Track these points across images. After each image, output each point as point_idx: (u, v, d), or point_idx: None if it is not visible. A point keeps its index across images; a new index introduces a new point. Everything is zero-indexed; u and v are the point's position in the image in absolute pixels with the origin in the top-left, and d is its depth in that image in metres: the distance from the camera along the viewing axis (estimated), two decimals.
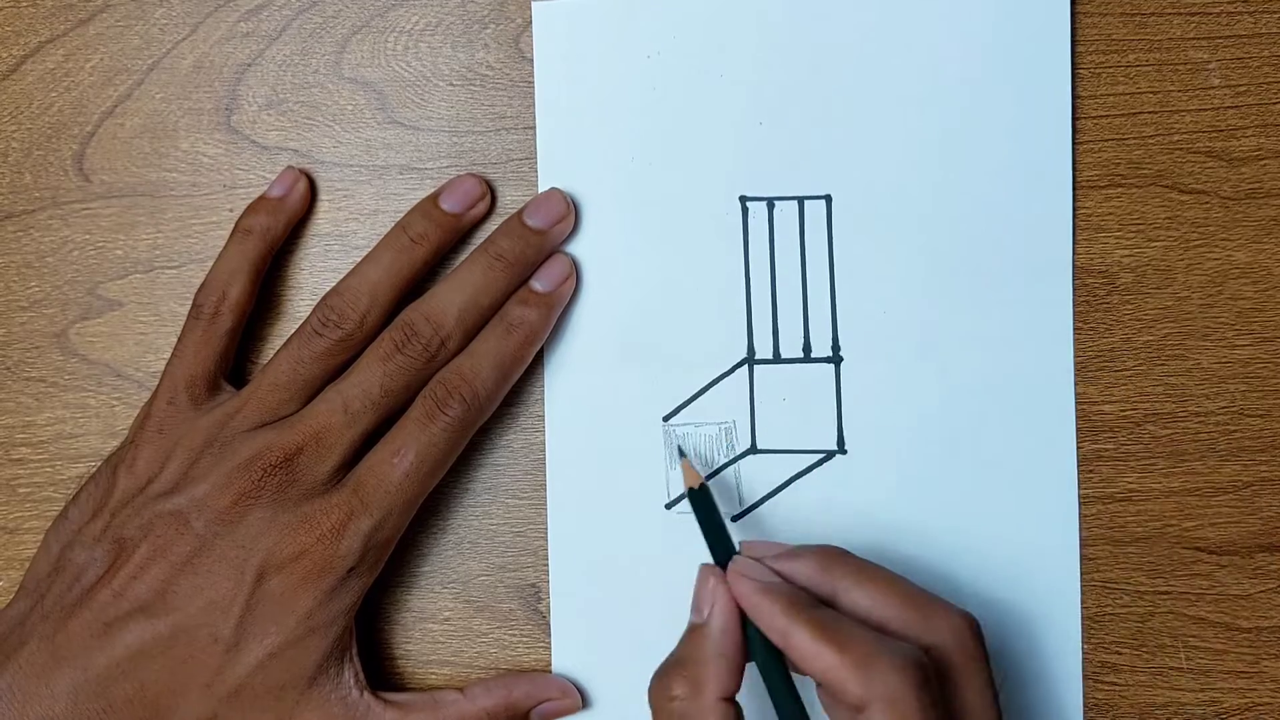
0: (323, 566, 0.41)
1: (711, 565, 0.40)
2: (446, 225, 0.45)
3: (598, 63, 0.46)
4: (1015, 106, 0.45)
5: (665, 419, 0.46)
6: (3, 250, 0.48)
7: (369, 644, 0.47)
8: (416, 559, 0.47)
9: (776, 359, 0.46)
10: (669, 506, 0.46)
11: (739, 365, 0.46)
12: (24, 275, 0.48)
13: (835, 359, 0.46)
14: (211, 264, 0.46)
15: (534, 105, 0.46)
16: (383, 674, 0.47)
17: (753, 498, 0.46)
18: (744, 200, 0.46)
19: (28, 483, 0.48)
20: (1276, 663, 0.45)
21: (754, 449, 0.46)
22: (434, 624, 0.47)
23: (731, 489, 0.46)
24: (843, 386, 0.46)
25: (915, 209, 0.45)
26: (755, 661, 0.39)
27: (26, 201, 0.48)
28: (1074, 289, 0.45)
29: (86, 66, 0.48)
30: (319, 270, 0.47)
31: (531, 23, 0.46)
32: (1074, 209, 0.45)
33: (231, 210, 0.47)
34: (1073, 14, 0.45)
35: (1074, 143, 0.45)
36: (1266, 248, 0.45)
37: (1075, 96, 0.45)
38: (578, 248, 0.46)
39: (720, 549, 0.41)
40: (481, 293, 0.44)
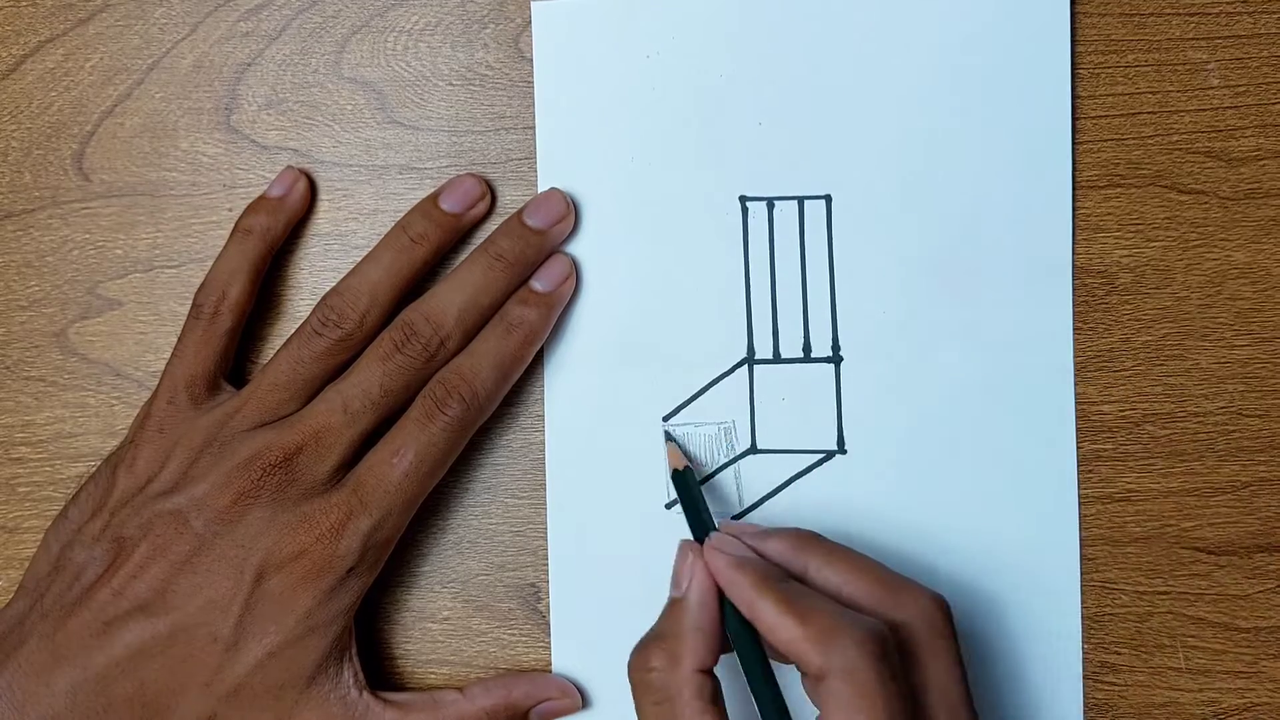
0: (322, 566, 0.41)
1: (691, 541, 0.41)
2: (446, 225, 0.45)
3: (598, 63, 0.46)
4: (1015, 106, 0.45)
5: (665, 419, 0.46)
6: (3, 250, 0.48)
7: (369, 644, 0.47)
8: (416, 559, 0.47)
9: (776, 359, 0.46)
10: (669, 506, 0.46)
11: (739, 365, 0.46)
12: (24, 275, 0.48)
13: (835, 359, 0.46)
14: (211, 264, 0.46)
15: (534, 105, 0.46)
16: (382, 674, 0.47)
17: (753, 498, 0.46)
18: (744, 200, 0.46)
19: (27, 482, 0.48)
20: (1275, 663, 0.45)
21: (754, 449, 0.46)
22: (433, 624, 0.47)
23: (731, 489, 0.46)
24: (843, 386, 0.46)
25: (915, 209, 0.45)
26: (729, 635, 0.39)
27: (26, 201, 0.48)
28: (1074, 289, 0.45)
29: (86, 66, 0.48)
30: (319, 270, 0.47)
31: (531, 23, 0.46)
32: (1074, 209, 0.45)
33: (231, 210, 0.47)
34: (1073, 14, 0.45)
35: (1074, 143, 0.45)
36: (1266, 248, 0.45)
37: (1075, 96, 0.45)
38: (578, 248, 0.46)
39: (700, 528, 0.42)
40: (481, 292, 0.44)
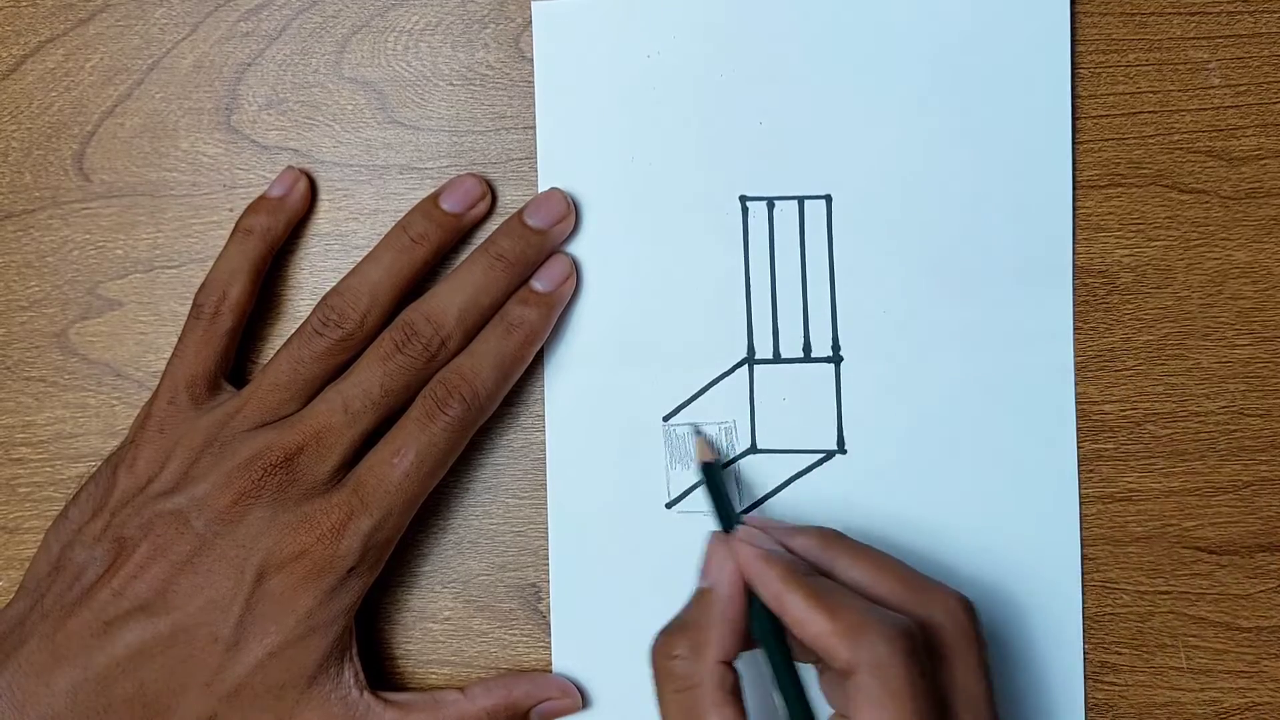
0: (323, 566, 0.41)
1: (721, 533, 0.41)
2: (447, 225, 0.45)
3: (598, 63, 0.46)
4: (1015, 106, 0.45)
5: (665, 419, 0.46)
6: (3, 250, 0.48)
7: (369, 644, 0.47)
8: (416, 559, 0.47)
9: (776, 359, 0.46)
10: (669, 506, 0.46)
11: (739, 365, 0.46)
12: (24, 275, 0.48)
13: (835, 359, 0.46)
14: (211, 264, 0.46)
15: (534, 105, 0.46)
16: (383, 674, 0.47)
17: (753, 498, 0.46)
18: (744, 200, 0.46)
19: (28, 482, 0.48)
20: (1276, 662, 0.45)
21: (754, 449, 0.46)
22: (434, 624, 0.47)
23: (732, 489, 0.46)
24: (843, 386, 0.46)
25: (915, 209, 0.45)
26: (754, 628, 0.39)
27: (26, 201, 0.48)
28: (1074, 289, 0.45)
29: (86, 66, 0.48)
30: (319, 270, 0.47)
31: (531, 22, 0.46)
32: (1074, 209, 0.45)
33: (231, 210, 0.47)
34: (1073, 14, 0.45)
35: (1074, 143, 0.45)
36: (1266, 247, 0.45)
37: (1075, 96, 0.45)
38: (578, 248, 0.46)
39: (727, 521, 0.42)
40: (482, 292, 0.44)
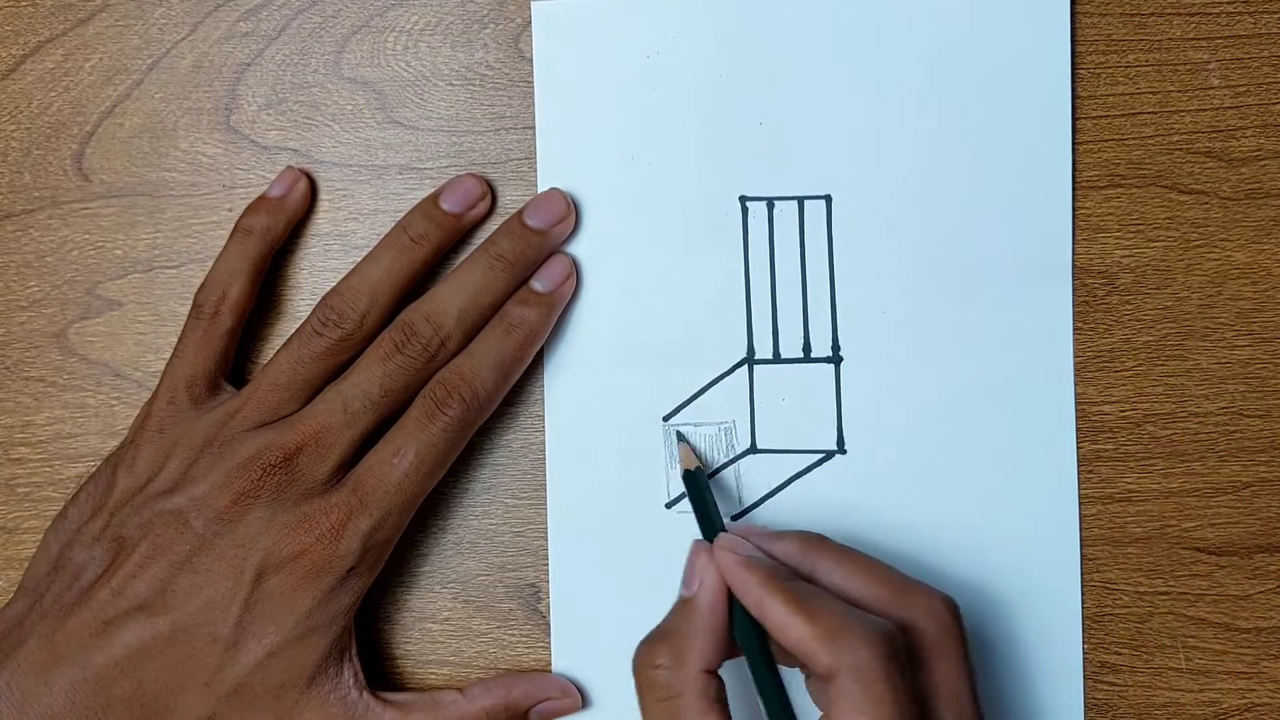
0: (322, 566, 0.41)
1: (703, 541, 0.41)
2: (447, 225, 0.45)
3: (598, 63, 0.46)
4: (1015, 106, 0.45)
5: (665, 419, 0.46)
6: (2, 250, 0.48)
7: (369, 644, 0.47)
8: (416, 559, 0.47)
9: (776, 359, 0.46)
10: (669, 506, 0.46)
11: (739, 365, 0.46)
12: (23, 275, 0.48)
13: (835, 359, 0.46)
14: (211, 264, 0.46)
15: (534, 105, 0.46)
16: (382, 674, 0.47)
17: (752, 498, 0.46)
18: (744, 200, 0.46)
19: (27, 482, 0.48)
20: (1276, 663, 0.45)
21: (754, 449, 0.46)
22: (434, 624, 0.47)
23: (731, 489, 0.46)
24: (843, 386, 0.46)
25: (915, 209, 0.45)
26: (736, 635, 0.39)
27: (26, 201, 0.48)
28: (1074, 289, 0.45)
29: (86, 66, 0.48)
30: (319, 270, 0.47)
31: (531, 22, 0.46)
32: (1074, 209, 0.45)
33: (231, 210, 0.47)
34: (1073, 14, 0.45)
35: (1074, 143, 0.45)
36: (1266, 248, 0.45)
37: (1075, 96, 0.45)
38: (578, 248, 0.46)
39: (710, 528, 0.42)
40: (482, 293, 0.44)
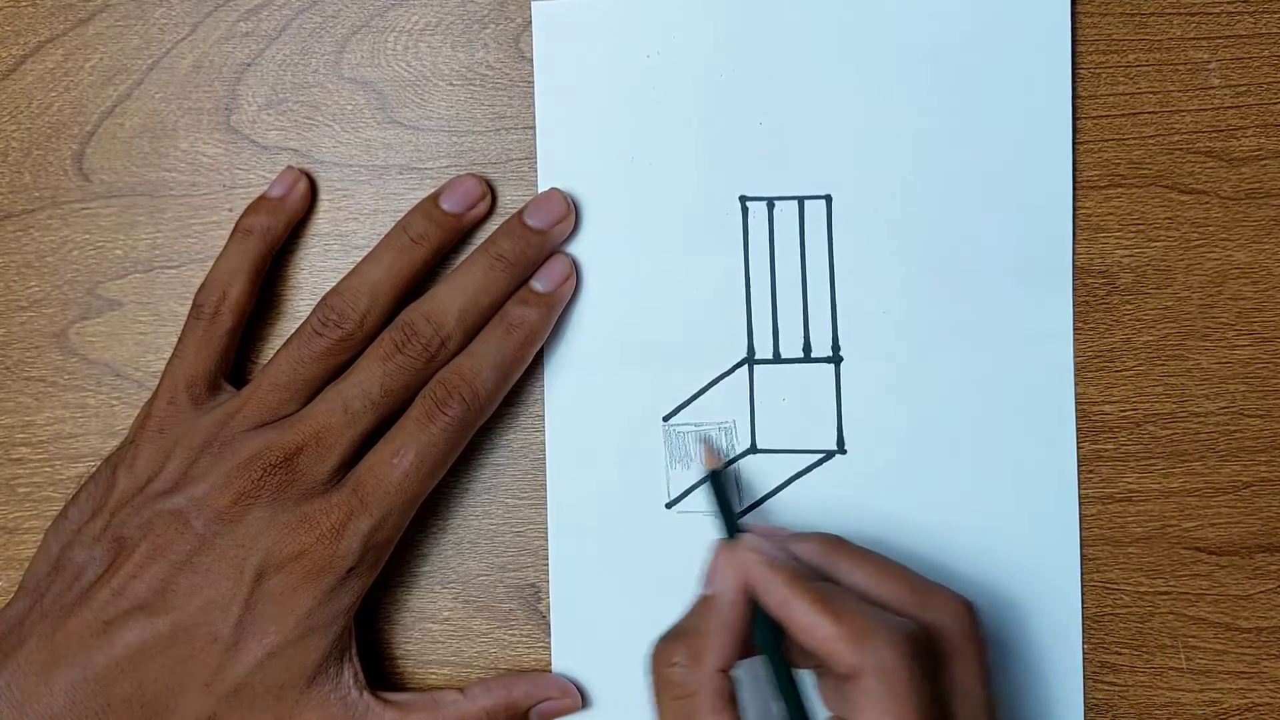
0: (322, 566, 0.41)
1: (725, 540, 0.41)
2: (447, 225, 0.45)
3: (598, 63, 0.46)
4: (1015, 106, 0.45)
5: (665, 419, 0.46)
6: (3, 250, 0.48)
7: (369, 644, 0.47)
8: (416, 559, 0.47)
9: (776, 359, 0.46)
10: (669, 506, 0.46)
11: (739, 365, 0.46)
12: (24, 275, 0.48)
13: (835, 359, 0.46)
14: (211, 264, 0.46)
15: (534, 105, 0.46)
16: (383, 674, 0.47)
17: (753, 498, 0.46)
18: (744, 200, 0.46)
19: (27, 482, 0.48)
20: (1277, 663, 0.45)
21: (754, 449, 0.46)
22: (434, 624, 0.47)
23: (731, 489, 0.46)
24: (843, 386, 0.46)
25: (915, 209, 0.45)
26: (755, 636, 0.39)
27: (26, 201, 0.48)
28: (1074, 289, 0.45)
29: (86, 66, 0.48)
30: (319, 270, 0.47)
31: (531, 22, 0.46)
32: (1074, 209, 0.45)
33: (231, 210, 0.47)
34: (1073, 14, 0.45)
35: (1074, 143, 0.45)
36: (1266, 248, 0.45)
37: (1075, 96, 0.45)
38: (578, 248, 0.46)
39: (732, 529, 0.42)
40: (482, 293, 0.44)
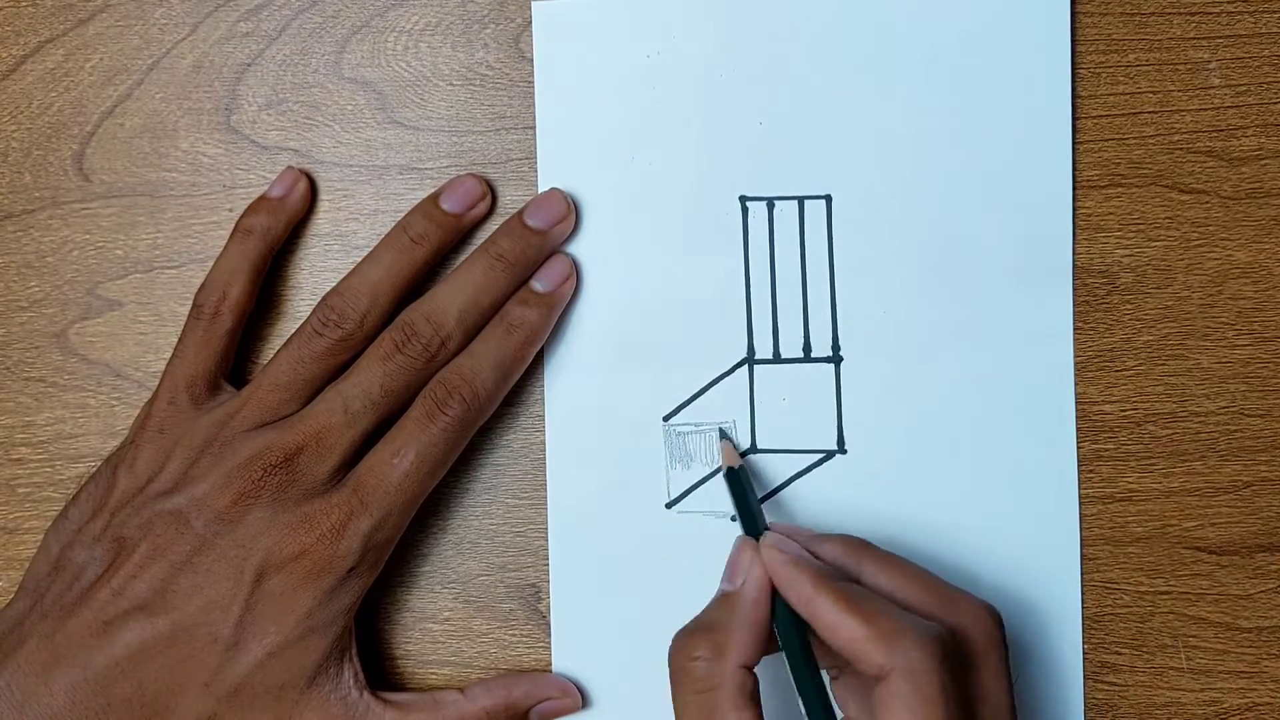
0: (322, 566, 0.41)
1: (749, 538, 0.41)
2: (447, 225, 0.45)
3: (598, 63, 0.46)
4: (1015, 106, 0.45)
5: (665, 419, 0.46)
6: (3, 250, 0.48)
7: (369, 644, 0.47)
8: (416, 559, 0.47)
9: (776, 359, 0.46)
10: (669, 506, 0.46)
11: (739, 365, 0.46)
12: (24, 275, 0.48)
13: (835, 359, 0.46)
14: (211, 264, 0.46)
15: (534, 105, 0.46)
16: (383, 674, 0.47)
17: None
18: (744, 200, 0.46)
19: (27, 483, 0.48)
20: (1277, 663, 0.45)
21: (754, 449, 0.46)
22: (434, 624, 0.47)
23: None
24: (843, 386, 0.46)
25: (915, 209, 0.45)
26: (778, 634, 0.39)
27: (26, 201, 0.48)
28: (1074, 289, 0.45)
29: (86, 66, 0.48)
30: (319, 270, 0.47)
31: (531, 23, 0.46)
32: (1074, 209, 0.45)
33: (231, 210, 0.47)
34: (1073, 14, 0.45)
35: (1074, 143, 0.45)
36: (1267, 247, 0.45)
37: (1075, 96, 0.45)
38: (578, 248, 0.46)
39: (754, 526, 0.42)
40: (482, 293, 0.44)
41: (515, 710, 0.45)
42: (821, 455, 0.46)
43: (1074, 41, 0.45)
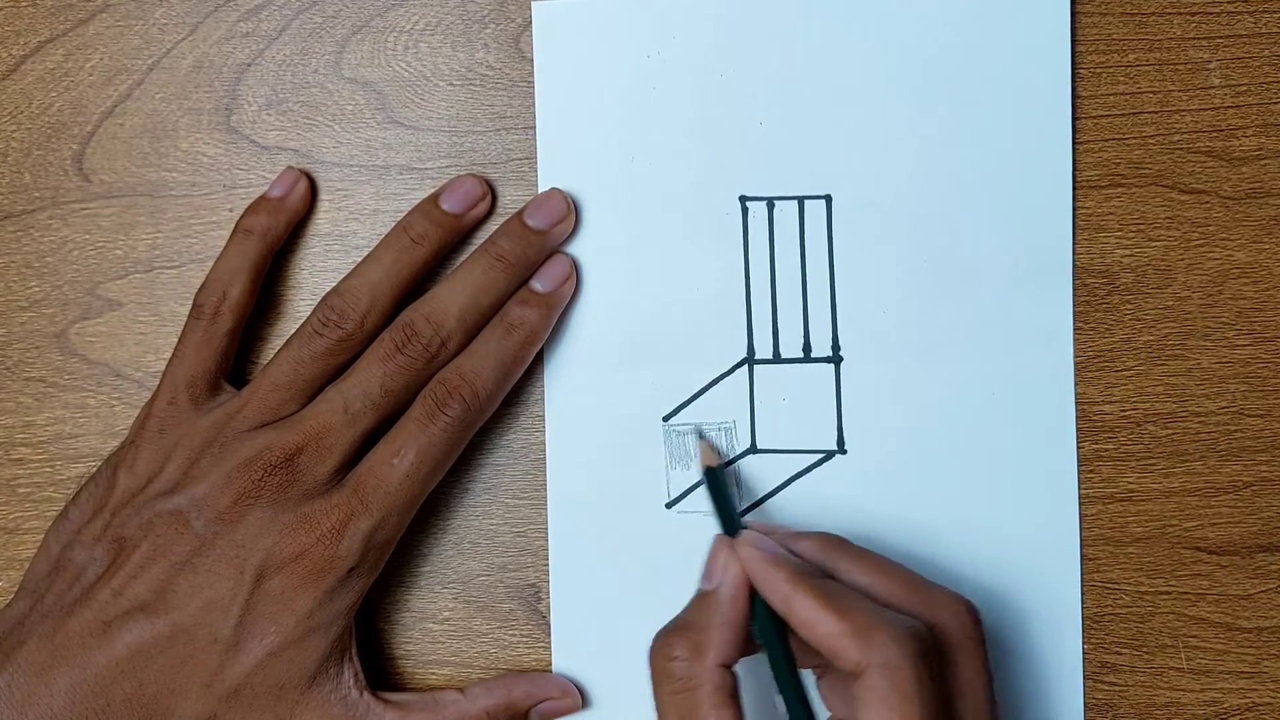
0: (323, 566, 0.41)
1: (725, 536, 0.41)
2: (447, 225, 0.45)
3: (598, 63, 0.46)
4: (1015, 106, 0.45)
5: (665, 419, 0.46)
6: (3, 250, 0.48)
7: (369, 644, 0.47)
8: (416, 559, 0.47)
9: (776, 359, 0.46)
10: (669, 506, 0.46)
11: (739, 365, 0.46)
12: (24, 275, 0.48)
13: (835, 359, 0.46)
14: (212, 264, 0.46)
15: (534, 105, 0.46)
16: (383, 674, 0.47)
17: (753, 498, 0.46)
18: (744, 200, 0.46)
19: (27, 483, 0.48)
20: (1277, 663, 0.45)
21: (754, 449, 0.46)
22: (434, 624, 0.47)
23: (730, 485, 0.46)
24: (843, 386, 0.46)
25: (915, 209, 0.45)
26: (756, 632, 0.39)
27: (26, 201, 0.48)
28: (1074, 289, 0.45)
29: (86, 66, 0.48)
30: (319, 270, 0.47)
31: (531, 23, 0.46)
32: (1074, 209, 0.45)
33: (231, 210, 0.47)
34: (1073, 14, 0.45)
35: (1074, 143, 0.45)
36: (1267, 248, 0.45)
37: (1075, 96, 0.45)
38: (578, 248, 0.46)
39: (732, 525, 0.42)
40: (482, 293, 0.44)
41: (515, 710, 0.45)
42: (821, 455, 0.46)
43: (1074, 41, 0.45)
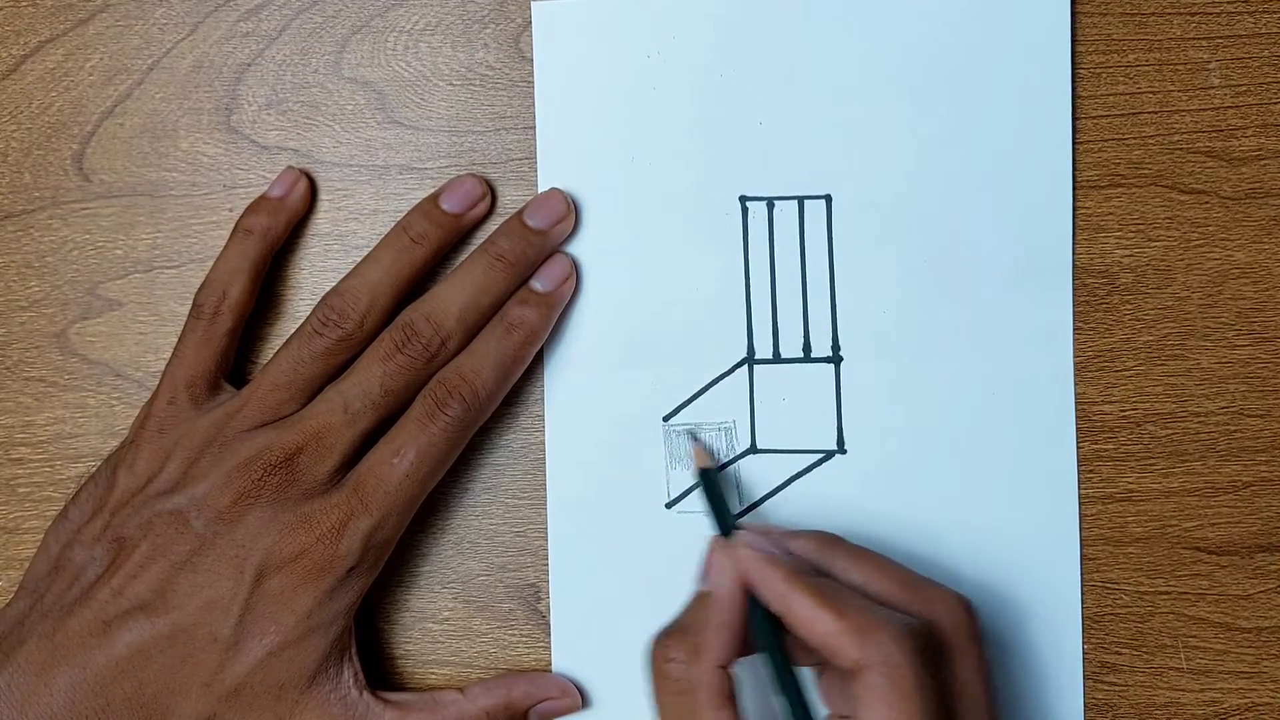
0: (322, 566, 0.41)
1: (721, 537, 0.41)
2: (447, 225, 0.45)
3: (598, 63, 0.46)
4: (1015, 106, 0.45)
5: (665, 419, 0.46)
6: (3, 250, 0.48)
7: (369, 644, 0.47)
8: (416, 559, 0.47)
9: (776, 359, 0.46)
10: (669, 506, 0.46)
11: (739, 365, 0.46)
12: (24, 275, 0.48)
13: (835, 359, 0.46)
14: (211, 264, 0.46)
15: (534, 105, 0.46)
16: (383, 674, 0.47)
17: (753, 498, 0.46)
18: (744, 200, 0.46)
19: (27, 483, 0.48)
20: (1277, 663, 0.45)
21: (754, 449, 0.46)
22: (434, 624, 0.47)
23: (731, 489, 0.46)
24: (843, 386, 0.46)
25: (915, 209, 0.45)
26: (754, 632, 0.39)
27: (26, 201, 0.48)
28: (1074, 289, 0.45)
29: (86, 66, 0.48)
30: (319, 270, 0.47)
31: (531, 23, 0.46)
32: (1074, 209, 0.45)
33: (231, 210, 0.47)
34: (1073, 14, 0.45)
35: (1074, 143, 0.45)
36: (1266, 248, 0.45)
37: (1075, 96, 0.45)
38: (578, 248, 0.46)
39: (726, 526, 0.42)
40: (482, 293, 0.44)
41: (515, 710, 0.45)
42: (821, 455, 0.46)
43: (1074, 41, 0.45)
